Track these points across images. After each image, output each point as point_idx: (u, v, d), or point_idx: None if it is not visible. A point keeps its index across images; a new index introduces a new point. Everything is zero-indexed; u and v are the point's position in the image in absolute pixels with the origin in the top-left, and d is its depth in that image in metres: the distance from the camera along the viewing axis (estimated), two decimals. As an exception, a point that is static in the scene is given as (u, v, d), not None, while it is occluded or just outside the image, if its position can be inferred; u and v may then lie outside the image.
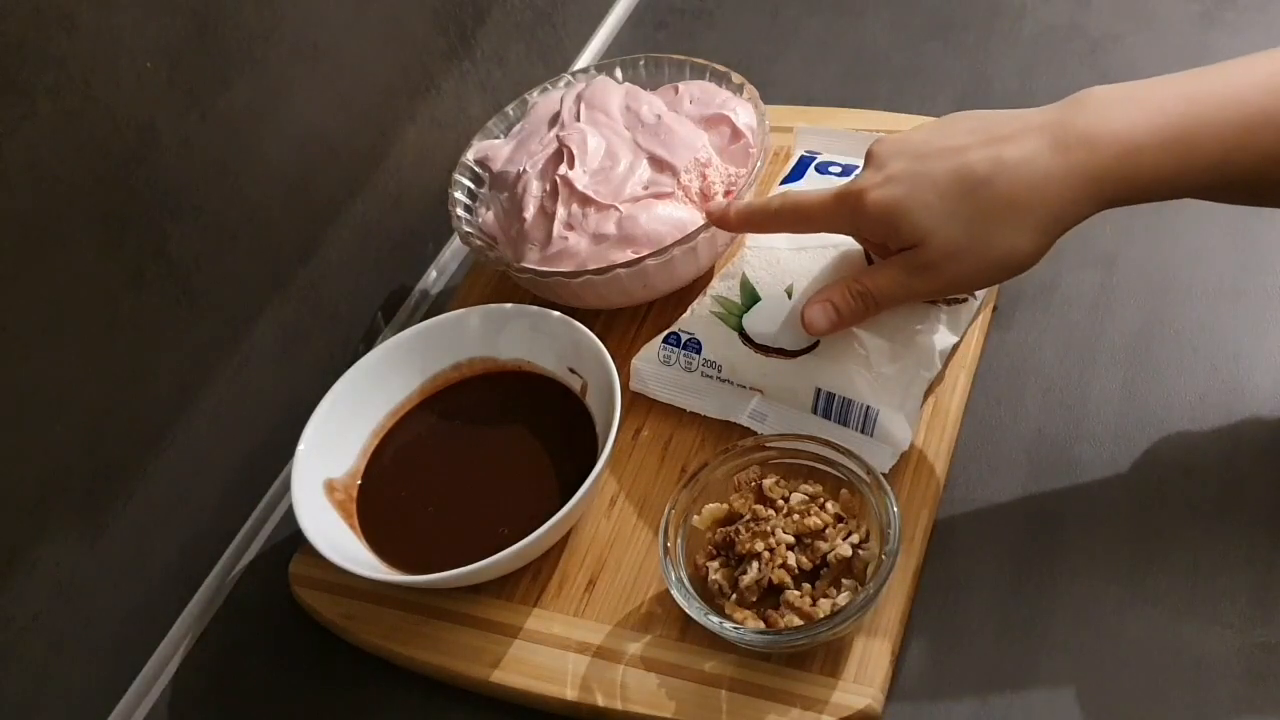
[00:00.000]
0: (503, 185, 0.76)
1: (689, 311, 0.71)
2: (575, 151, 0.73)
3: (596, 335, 0.67)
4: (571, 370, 0.69)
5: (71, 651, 0.63)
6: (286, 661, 0.67)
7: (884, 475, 0.59)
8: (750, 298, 0.68)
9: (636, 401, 0.70)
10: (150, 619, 0.68)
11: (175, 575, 0.69)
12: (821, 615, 0.56)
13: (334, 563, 0.61)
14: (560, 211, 0.71)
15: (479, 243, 0.75)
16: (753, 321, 0.67)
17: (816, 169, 0.74)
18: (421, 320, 0.72)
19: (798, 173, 0.74)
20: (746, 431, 0.67)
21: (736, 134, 0.75)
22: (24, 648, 0.60)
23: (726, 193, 0.73)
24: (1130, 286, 0.70)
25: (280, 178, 0.71)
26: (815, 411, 0.65)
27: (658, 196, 0.72)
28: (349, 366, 0.70)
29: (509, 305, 0.71)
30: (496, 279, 0.80)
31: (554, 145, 0.74)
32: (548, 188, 0.73)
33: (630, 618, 0.62)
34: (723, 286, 0.70)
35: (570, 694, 0.60)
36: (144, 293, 0.62)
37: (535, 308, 0.71)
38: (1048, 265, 0.72)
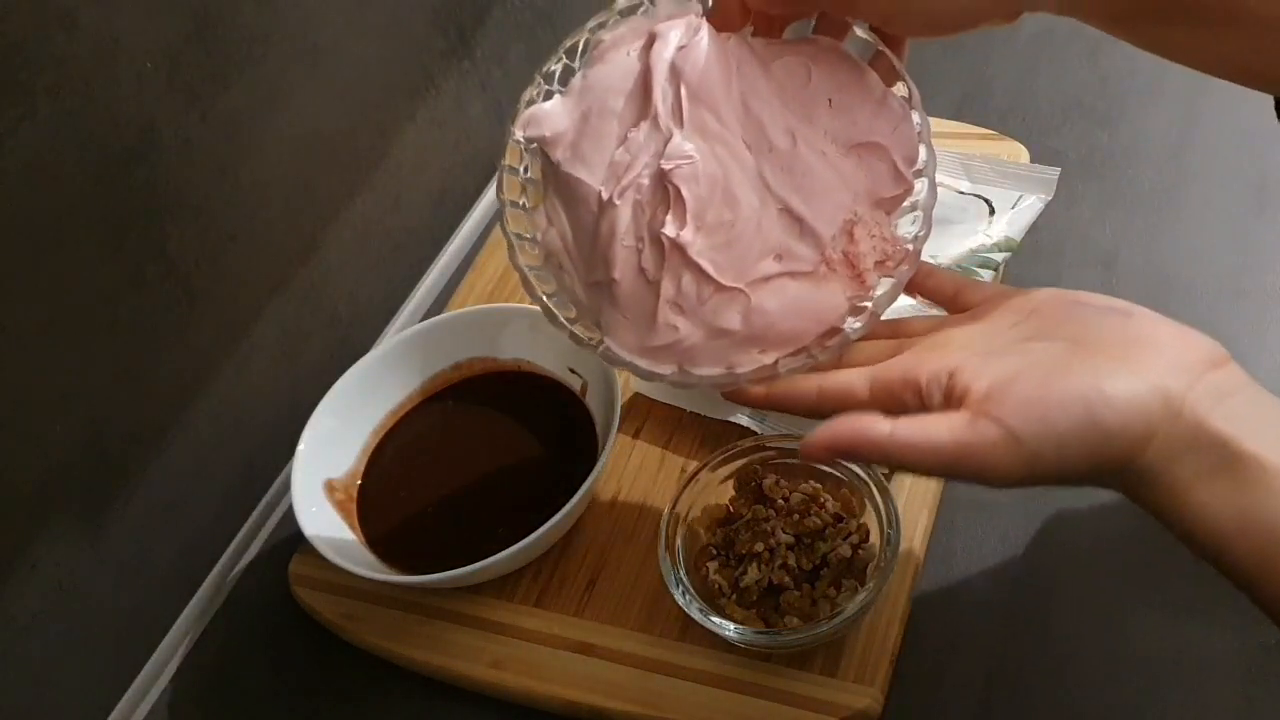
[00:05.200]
0: (571, 198, 0.53)
1: (689, 311, 0.70)
2: (685, 195, 0.50)
3: (596, 335, 0.67)
4: (571, 370, 0.69)
5: (71, 651, 0.63)
6: (286, 661, 0.67)
7: (884, 475, 0.59)
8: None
9: (636, 401, 0.70)
10: (150, 619, 0.68)
11: (175, 575, 0.69)
12: (821, 615, 0.56)
13: (334, 563, 0.61)
14: (667, 286, 0.51)
15: (535, 275, 0.55)
16: (753, 321, 0.67)
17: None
18: (421, 320, 0.72)
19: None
20: (746, 431, 0.67)
21: (896, 174, 0.53)
22: (24, 648, 0.60)
23: (879, 262, 0.52)
24: (1130, 286, 0.70)
25: (280, 178, 0.71)
26: (815, 411, 0.65)
27: (793, 275, 0.52)
28: (349, 366, 0.70)
29: (508, 305, 0.71)
30: (497, 279, 0.80)
31: (651, 168, 0.51)
32: (645, 238, 0.52)
33: (630, 618, 0.62)
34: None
35: (570, 694, 0.60)
36: (144, 293, 0.62)
37: (535, 308, 0.70)
38: (1048, 265, 0.72)
